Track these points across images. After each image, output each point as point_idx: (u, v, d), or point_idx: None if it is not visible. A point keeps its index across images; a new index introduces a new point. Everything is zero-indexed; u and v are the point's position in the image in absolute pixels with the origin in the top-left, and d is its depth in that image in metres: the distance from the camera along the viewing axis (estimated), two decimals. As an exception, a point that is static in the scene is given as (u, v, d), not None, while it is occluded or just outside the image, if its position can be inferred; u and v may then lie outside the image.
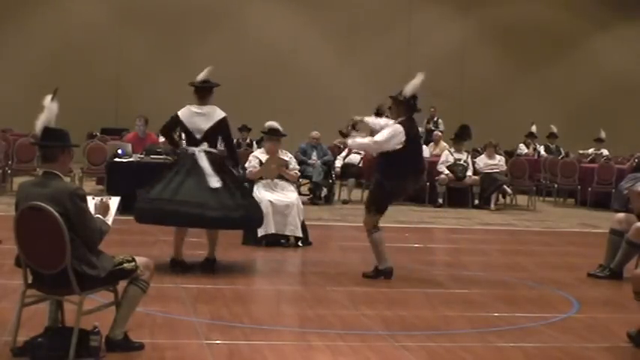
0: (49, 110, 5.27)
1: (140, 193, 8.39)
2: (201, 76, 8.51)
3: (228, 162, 8.68)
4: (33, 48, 23.06)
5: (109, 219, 5.33)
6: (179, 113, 8.41)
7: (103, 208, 5.33)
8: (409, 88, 8.18)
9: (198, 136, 8.33)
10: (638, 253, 8.73)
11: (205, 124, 8.32)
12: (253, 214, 8.57)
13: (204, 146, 8.31)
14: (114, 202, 5.46)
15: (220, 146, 8.79)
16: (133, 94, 22.94)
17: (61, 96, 5.38)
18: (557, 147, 20.26)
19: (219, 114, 8.39)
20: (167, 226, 8.68)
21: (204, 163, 8.20)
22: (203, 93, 8.45)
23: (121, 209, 5.61)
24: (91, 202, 5.31)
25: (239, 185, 8.70)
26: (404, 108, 8.22)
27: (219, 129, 8.43)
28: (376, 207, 8.40)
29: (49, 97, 5.34)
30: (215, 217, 8.07)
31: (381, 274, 8.39)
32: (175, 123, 8.47)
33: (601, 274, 8.97)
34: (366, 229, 8.48)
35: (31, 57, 22.98)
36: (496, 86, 25.76)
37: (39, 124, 5.22)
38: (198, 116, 8.33)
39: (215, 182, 8.13)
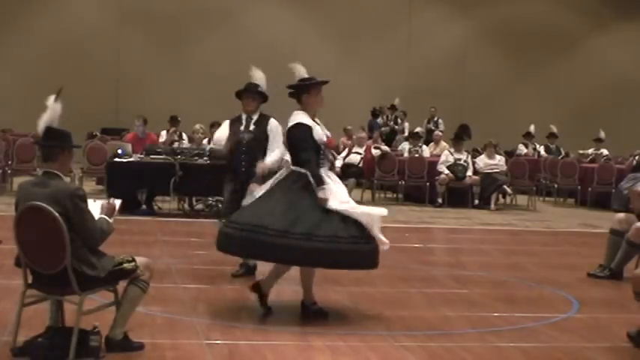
0: (52, 110, 5.25)
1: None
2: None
3: None
4: (33, 48, 23.07)
5: (111, 220, 5.33)
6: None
7: (110, 210, 5.32)
8: (263, 82, 8.81)
9: None
10: (638, 253, 8.73)
11: None
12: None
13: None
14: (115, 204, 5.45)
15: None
16: (133, 94, 22.93)
17: (61, 96, 5.38)
18: (557, 147, 20.24)
19: None
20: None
21: None
22: None
23: (121, 210, 5.60)
24: (96, 204, 5.30)
25: None
26: (263, 100, 8.83)
27: None
28: None
29: (52, 97, 5.32)
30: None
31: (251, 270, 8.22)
32: None
33: (601, 274, 8.97)
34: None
35: (31, 57, 22.99)
36: (496, 86, 25.76)
37: (41, 123, 5.21)
38: None
39: None
